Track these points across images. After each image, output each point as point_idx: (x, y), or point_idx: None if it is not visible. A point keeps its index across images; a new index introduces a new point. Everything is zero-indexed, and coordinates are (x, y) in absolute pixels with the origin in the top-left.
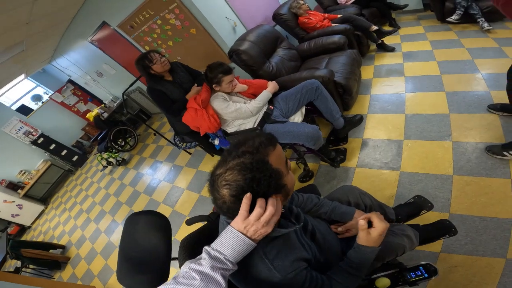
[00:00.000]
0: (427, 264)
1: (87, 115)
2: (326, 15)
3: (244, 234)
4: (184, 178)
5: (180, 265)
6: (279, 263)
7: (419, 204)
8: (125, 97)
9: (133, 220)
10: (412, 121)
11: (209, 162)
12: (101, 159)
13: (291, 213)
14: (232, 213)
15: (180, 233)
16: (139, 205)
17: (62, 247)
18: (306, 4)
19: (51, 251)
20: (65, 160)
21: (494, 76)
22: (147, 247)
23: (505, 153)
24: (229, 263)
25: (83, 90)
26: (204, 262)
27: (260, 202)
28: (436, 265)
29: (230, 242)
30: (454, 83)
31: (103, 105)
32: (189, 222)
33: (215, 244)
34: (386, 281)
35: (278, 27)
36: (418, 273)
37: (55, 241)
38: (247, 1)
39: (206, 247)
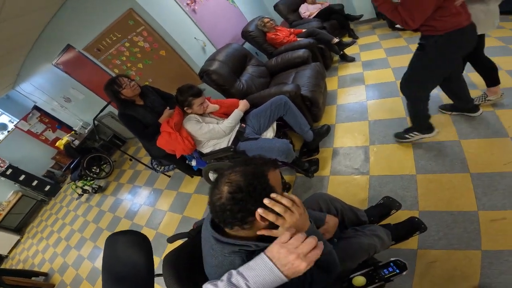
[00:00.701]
0: (397, 260)
1: (57, 143)
2: (292, 30)
3: (274, 263)
4: (165, 201)
5: (165, 282)
6: None
7: (388, 205)
8: (96, 123)
9: (112, 240)
10: (375, 126)
11: (188, 184)
12: (76, 187)
13: None
14: (222, 212)
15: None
16: (121, 230)
17: (45, 274)
18: (271, 22)
19: (33, 278)
20: (36, 191)
21: None
22: (128, 262)
23: (406, 136)
24: None
25: (51, 117)
26: (220, 284)
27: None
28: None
29: (257, 268)
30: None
31: (73, 132)
32: (171, 240)
33: (243, 267)
34: (361, 280)
35: (248, 44)
36: (390, 269)
37: (36, 269)
38: (215, 21)
39: (232, 270)
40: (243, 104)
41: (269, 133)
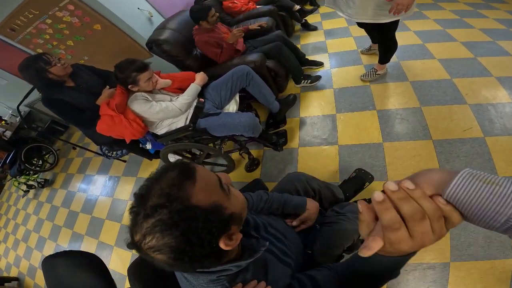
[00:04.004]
0: None
1: None
2: None
3: None
4: (125, 189)
5: None
6: None
7: (360, 177)
8: (21, 110)
9: (48, 265)
10: (341, 95)
11: (148, 167)
12: (19, 184)
13: (248, 225)
14: (183, 268)
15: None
16: (81, 225)
17: (16, 279)
18: None
19: (6, 284)
20: None
21: (402, 48)
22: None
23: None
24: None
25: None
26: None
27: None
28: None
29: None
30: (369, 57)
31: (3, 122)
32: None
33: None
34: None
35: None
36: None
37: (5, 274)
38: None
39: None
40: (200, 77)
41: (232, 106)
